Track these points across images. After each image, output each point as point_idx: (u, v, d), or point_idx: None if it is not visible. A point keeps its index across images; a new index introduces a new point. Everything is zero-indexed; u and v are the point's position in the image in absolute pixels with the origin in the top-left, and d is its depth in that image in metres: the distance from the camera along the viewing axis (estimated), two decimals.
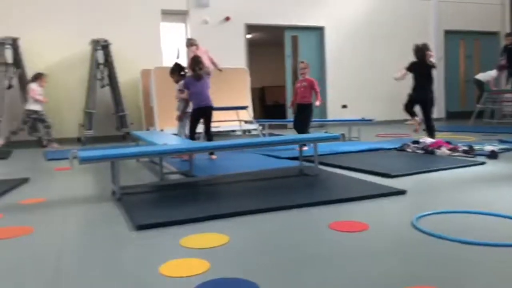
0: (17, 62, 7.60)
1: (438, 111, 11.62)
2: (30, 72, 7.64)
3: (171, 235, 2.36)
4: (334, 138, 4.19)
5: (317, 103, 5.71)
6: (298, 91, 5.85)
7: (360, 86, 10.71)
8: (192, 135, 5.11)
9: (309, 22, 10.23)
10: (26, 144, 7.46)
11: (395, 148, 5.42)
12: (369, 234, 2.32)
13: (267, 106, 13.62)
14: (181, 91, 5.37)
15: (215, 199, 3.22)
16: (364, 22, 10.71)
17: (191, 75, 5.15)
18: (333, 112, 10.37)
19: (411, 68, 5.72)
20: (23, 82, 7.61)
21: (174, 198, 3.25)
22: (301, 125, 5.74)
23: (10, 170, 4.99)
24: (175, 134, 5.64)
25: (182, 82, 5.37)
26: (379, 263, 1.93)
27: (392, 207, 2.88)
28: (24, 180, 4.09)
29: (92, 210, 3.06)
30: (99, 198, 3.37)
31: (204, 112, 5.10)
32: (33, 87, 7.17)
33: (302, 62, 6.03)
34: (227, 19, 9.48)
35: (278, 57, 10.87)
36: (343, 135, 6.33)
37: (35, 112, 7.22)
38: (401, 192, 3.18)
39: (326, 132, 5.79)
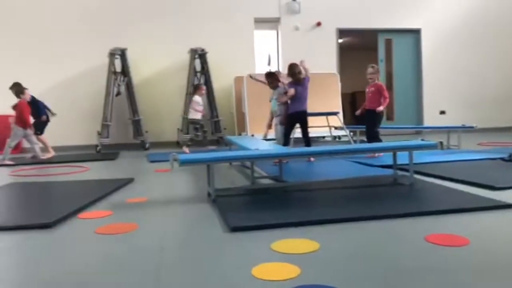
0: (125, 70, 8.31)
1: None
2: (135, 80, 8.32)
3: (263, 239, 2.42)
4: (431, 146, 3.99)
5: (381, 108, 5.50)
6: (367, 96, 5.74)
7: (459, 91, 10.04)
8: (287, 140, 5.22)
9: (405, 24, 9.84)
10: (131, 147, 8.12)
11: (501, 158, 4.99)
12: (470, 250, 2.18)
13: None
14: (283, 94, 5.48)
15: (306, 205, 3.24)
16: (465, 23, 10.04)
17: (292, 81, 5.28)
18: (430, 118, 9.84)
19: None
20: (130, 90, 8.30)
21: (265, 202, 3.33)
22: (368, 131, 5.61)
23: (118, 170, 5.48)
24: (269, 140, 5.77)
25: (283, 86, 5.50)
26: (481, 281, 1.81)
27: (496, 222, 2.67)
28: (130, 180, 4.47)
29: (189, 210, 3.25)
30: (196, 199, 3.57)
31: (299, 117, 5.21)
32: (196, 99, 7.38)
33: (372, 66, 5.84)
34: (318, 24, 9.47)
35: (371, 61, 10.54)
36: (441, 143, 5.99)
37: (195, 121, 7.48)
38: (508, 206, 2.93)
39: (422, 140, 5.51)
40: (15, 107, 6.63)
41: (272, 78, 5.71)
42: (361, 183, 3.95)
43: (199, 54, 8.48)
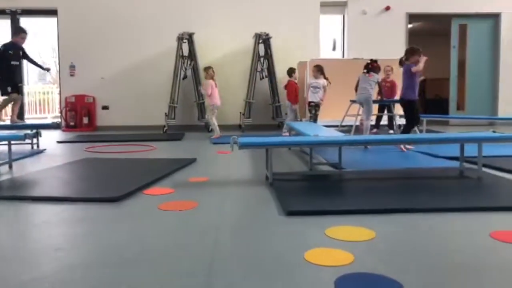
0: (191, 54, 8.54)
1: None
2: (201, 64, 8.53)
3: (318, 224, 2.43)
4: (504, 139, 3.75)
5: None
6: (384, 88, 6.54)
7: None
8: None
9: (482, 8, 9.20)
10: (195, 129, 8.40)
11: None
12: None
13: (428, 100, 12.70)
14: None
15: (363, 194, 3.20)
16: None
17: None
18: (506, 109, 9.18)
19: None
20: (196, 73, 8.53)
21: (322, 188, 3.32)
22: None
23: (183, 151, 5.71)
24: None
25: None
26: None
27: None
28: (193, 160, 4.63)
29: (247, 192, 3.32)
30: (254, 181, 3.64)
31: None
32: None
33: (388, 65, 6.81)
34: (387, 8, 9.11)
35: (442, 47, 10.03)
36: None
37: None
38: None
39: (493, 131, 5.18)
40: None
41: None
42: (425, 174, 3.82)
43: (263, 39, 8.50)
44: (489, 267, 1.86)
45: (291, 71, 7.35)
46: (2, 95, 6.56)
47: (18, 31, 6.67)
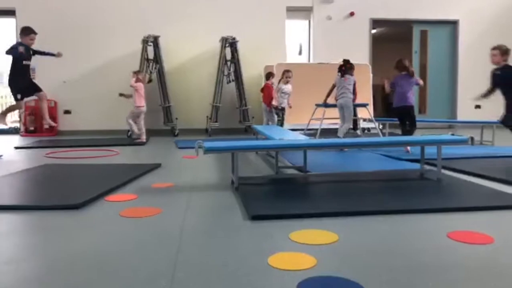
0: (157, 58, 8.43)
1: None
2: (167, 67, 8.44)
3: (282, 228, 2.43)
4: (461, 141, 3.88)
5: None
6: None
7: None
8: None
9: (442, 15, 9.53)
10: (161, 133, 8.29)
11: None
12: (494, 249, 2.12)
13: (390, 103, 13.01)
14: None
15: (327, 197, 3.23)
16: (506, 15, 9.62)
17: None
18: (464, 112, 9.53)
19: None
20: (162, 77, 8.42)
21: (287, 192, 3.34)
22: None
23: (147, 155, 5.61)
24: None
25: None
26: (503, 282, 1.77)
27: None
28: (157, 165, 4.56)
29: (212, 197, 3.29)
30: (220, 186, 3.61)
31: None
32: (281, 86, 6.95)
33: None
34: (352, 14, 9.31)
35: (404, 53, 10.29)
36: (471, 138, 5.81)
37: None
38: None
39: (452, 134, 5.37)
40: None
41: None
42: (387, 177, 3.90)
43: (230, 43, 8.50)
44: (446, 267, 1.91)
45: (269, 75, 7.35)
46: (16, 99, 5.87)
47: (27, 32, 5.98)
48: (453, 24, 9.63)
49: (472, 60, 9.60)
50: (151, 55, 8.38)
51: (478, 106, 9.64)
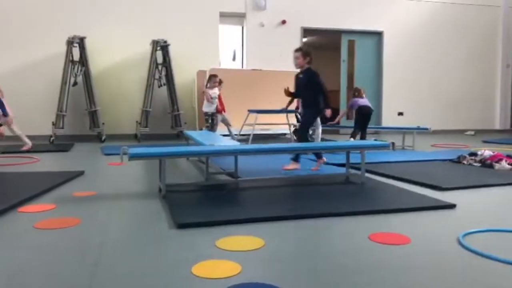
0: (83, 60, 8.03)
1: (504, 123, 10.98)
2: (93, 70, 8.07)
3: (209, 236, 2.38)
4: (383, 146, 4.07)
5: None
6: None
7: (417, 93, 10.36)
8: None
9: (368, 26, 10.01)
10: (87, 138, 7.89)
11: (450, 160, 5.17)
12: (410, 248, 2.23)
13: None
14: None
15: (256, 202, 3.23)
16: (425, 28, 10.35)
17: None
18: (388, 119, 10.07)
19: None
20: (88, 80, 8.04)
21: (216, 198, 3.29)
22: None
23: (70, 162, 5.29)
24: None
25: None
26: (417, 279, 1.85)
27: (438, 222, 2.75)
28: (80, 173, 4.32)
29: (138, 206, 3.16)
30: (146, 194, 3.49)
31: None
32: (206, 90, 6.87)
33: None
34: (284, 22, 9.49)
35: (333, 61, 10.72)
36: (393, 143, 6.14)
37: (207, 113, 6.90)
38: (450, 206, 3.03)
39: (375, 140, 5.63)
40: None
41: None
42: (313, 181, 3.99)
43: (161, 46, 8.31)
44: (366, 268, 1.96)
45: (219, 82, 7.19)
46: None
47: None
48: (378, 35, 10.14)
49: (395, 70, 10.18)
50: (76, 57, 7.97)
51: (401, 113, 10.24)
